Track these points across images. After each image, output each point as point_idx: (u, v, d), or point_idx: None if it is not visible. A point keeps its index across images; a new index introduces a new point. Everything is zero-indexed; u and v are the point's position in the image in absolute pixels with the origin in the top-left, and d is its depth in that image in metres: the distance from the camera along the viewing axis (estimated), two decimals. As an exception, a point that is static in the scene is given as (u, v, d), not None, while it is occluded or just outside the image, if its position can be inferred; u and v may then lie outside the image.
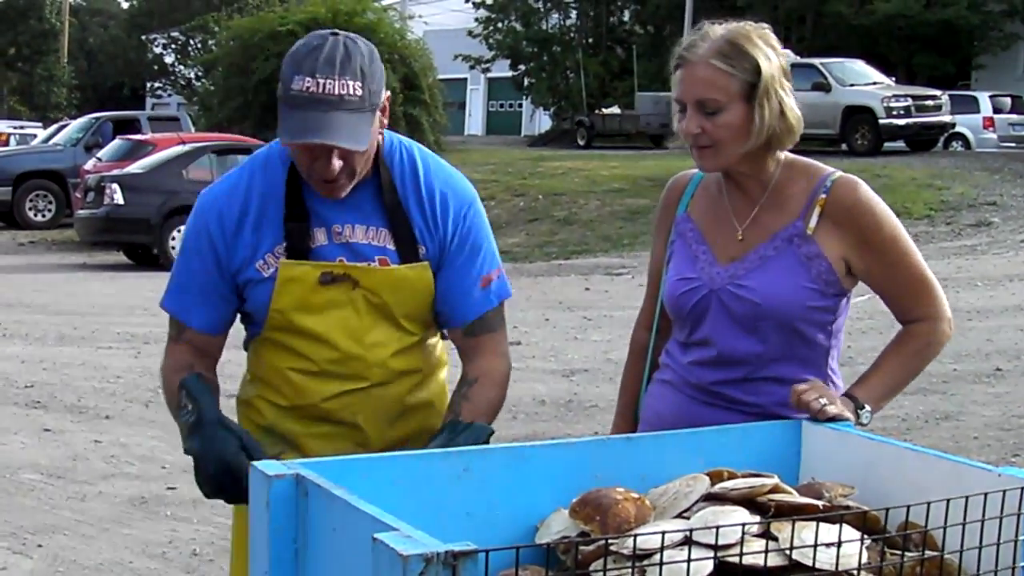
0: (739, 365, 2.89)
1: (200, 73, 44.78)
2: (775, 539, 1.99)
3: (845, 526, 2.00)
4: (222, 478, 2.71)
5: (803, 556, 1.92)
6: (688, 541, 1.93)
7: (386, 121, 2.82)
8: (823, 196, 2.85)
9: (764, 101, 2.78)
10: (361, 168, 2.79)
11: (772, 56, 2.82)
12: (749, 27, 2.85)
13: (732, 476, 2.26)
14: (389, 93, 2.81)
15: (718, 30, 2.84)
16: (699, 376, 2.95)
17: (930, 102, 27.66)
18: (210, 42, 43.65)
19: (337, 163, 2.72)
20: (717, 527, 1.92)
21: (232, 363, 3.31)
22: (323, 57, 2.67)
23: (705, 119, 2.80)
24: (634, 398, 3.21)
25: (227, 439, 2.70)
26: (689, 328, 2.96)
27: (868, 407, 2.78)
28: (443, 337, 3.12)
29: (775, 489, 2.18)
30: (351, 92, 2.68)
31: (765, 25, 2.90)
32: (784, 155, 2.94)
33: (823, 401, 2.59)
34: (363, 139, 2.70)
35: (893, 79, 30.28)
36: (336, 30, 2.79)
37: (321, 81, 2.66)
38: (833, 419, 2.58)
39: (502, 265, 3.02)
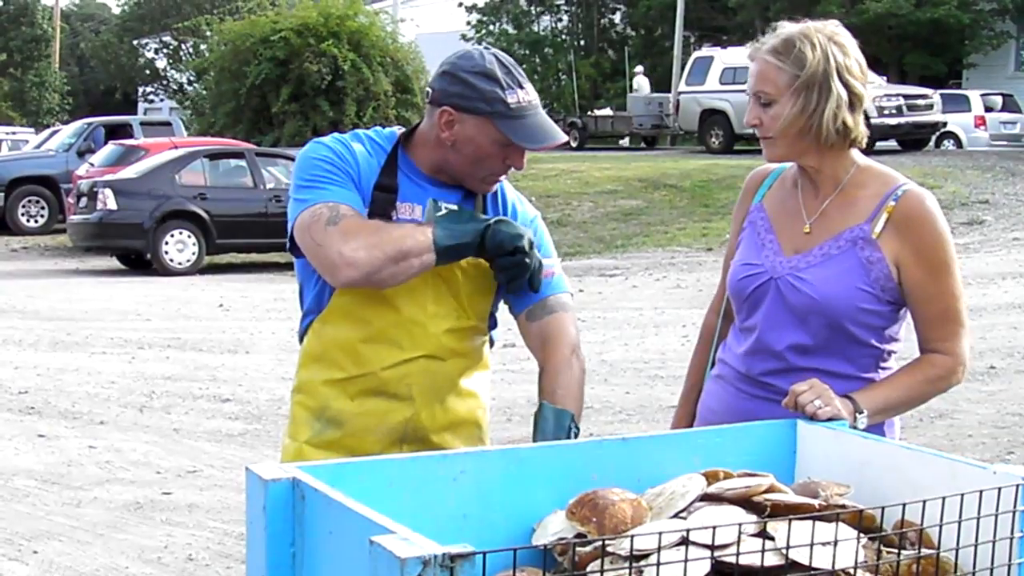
0: (782, 355, 2.97)
1: (192, 78, 44.73)
2: (771, 539, 1.99)
3: (841, 525, 2.00)
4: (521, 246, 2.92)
5: (799, 555, 1.92)
6: (685, 541, 1.93)
7: None
8: (892, 204, 2.92)
9: (805, 94, 2.88)
10: None
11: (833, 54, 2.90)
12: (814, 26, 2.95)
13: (728, 476, 2.27)
14: None
15: (785, 27, 2.96)
16: (749, 366, 3.05)
17: (921, 101, 27.69)
18: (202, 47, 43.58)
19: None
20: (713, 527, 1.92)
21: (225, 367, 3.31)
22: (512, 70, 2.99)
23: (761, 110, 2.95)
24: (696, 384, 3.31)
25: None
26: (745, 313, 3.07)
27: (866, 412, 2.80)
28: (490, 344, 3.25)
29: (771, 489, 2.18)
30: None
31: (835, 23, 2.98)
32: (861, 158, 3.03)
33: (818, 403, 2.61)
34: None
35: (884, 78, 30.29)
36: (486, 46, 3.11)
37: (528, 89, 3.00)
38: (829, 420, 2.59)
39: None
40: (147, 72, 55.34)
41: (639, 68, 37.99)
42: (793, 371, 2.91)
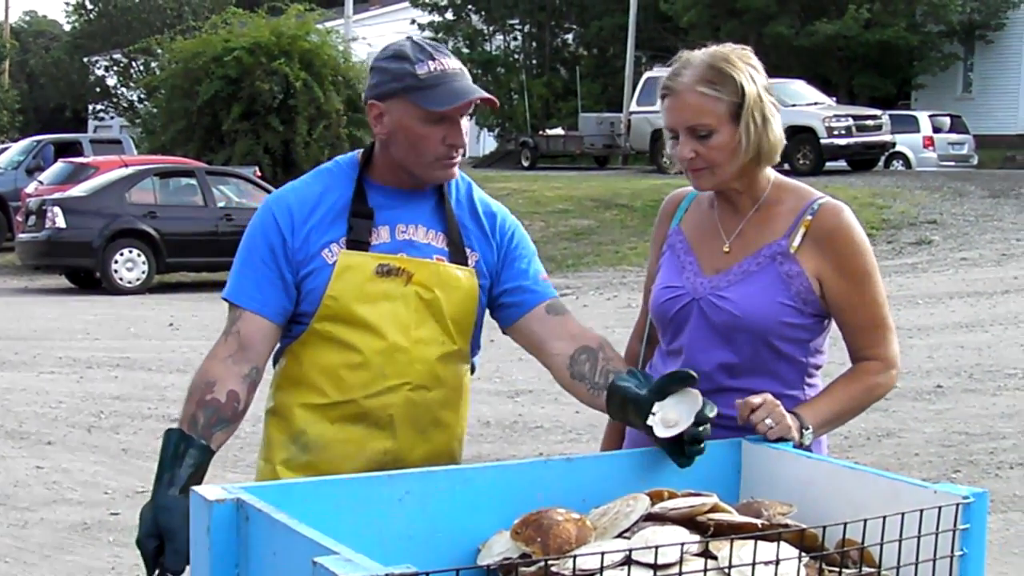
0: (711, 375, 2.95)
1: (143, 96, 44.51)
2: (714, 558, 2.00)
3: (783, 544, 2.02)
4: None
5: (742, 574, 1.94)
6: (628, 561, 1.94)
7: None
8: (809, 218, 2.95)
9: (750, 120, 2.89)
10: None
11: (755, 76, 2.92)
12: (728, 50, 2.96)
13: (672, 496, 2.28)
14: None
15: (699, 56, 2.95)
16: None
17: (871, 122, 27.93)
18: (153, 65, 43.39)
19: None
20: (657, 547, 1.93)
21: (175, 387, 3.30)
22: (424, 46, 2.97)
23: (698, 143, 2.91)
24: None
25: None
26: (670, 336, 3.06)
27: (811, 428, 2.82)
28: (471, 370, 3.21)
29: (714, 508, 2.20)
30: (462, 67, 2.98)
31: (745, 47, 3.00)
32: (775, 175, 3.06)
33: (769, 422, 2.63)
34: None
35: (834, 99, 30.57)
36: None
37: (443, 60, 2.94)
38: (777, 440, 2.61)
39: None
40: (97, 90, 55.07)
41: None
42: (721, 392, 2.91)
